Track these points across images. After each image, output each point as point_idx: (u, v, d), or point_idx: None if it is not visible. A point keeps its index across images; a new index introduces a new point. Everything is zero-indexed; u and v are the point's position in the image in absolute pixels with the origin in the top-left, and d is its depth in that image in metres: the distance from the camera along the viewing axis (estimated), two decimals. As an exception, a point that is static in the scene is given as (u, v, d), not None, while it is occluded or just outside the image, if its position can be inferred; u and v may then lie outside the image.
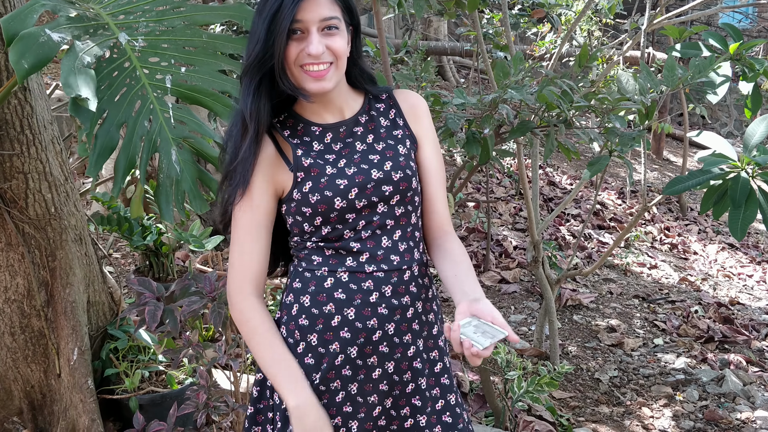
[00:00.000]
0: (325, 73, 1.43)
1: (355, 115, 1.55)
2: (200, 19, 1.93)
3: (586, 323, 4.37)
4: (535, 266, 3.49)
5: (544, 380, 2.87)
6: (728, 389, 3.58)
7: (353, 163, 1.51)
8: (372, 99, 1.60)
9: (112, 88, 1.71)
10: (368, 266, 1.51)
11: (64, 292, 2.62)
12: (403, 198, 1.53)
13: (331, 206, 1.47)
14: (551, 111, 2.24)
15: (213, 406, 2.30)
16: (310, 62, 1.41)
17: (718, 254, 6.17)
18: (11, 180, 2.46)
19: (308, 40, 1.40)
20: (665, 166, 8.90)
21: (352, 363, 1.53)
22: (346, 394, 1.55)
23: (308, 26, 1.39)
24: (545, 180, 7.27)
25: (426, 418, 1.59)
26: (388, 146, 1.55)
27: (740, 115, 11.13)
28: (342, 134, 1.53)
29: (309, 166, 1.48)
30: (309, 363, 1.52)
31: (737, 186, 2.14)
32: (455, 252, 1.57)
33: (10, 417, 2.74)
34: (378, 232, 1.52)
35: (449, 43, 8.68)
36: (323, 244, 1.51)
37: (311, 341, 1.52)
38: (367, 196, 1.49)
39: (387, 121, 1.58)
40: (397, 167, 1.52)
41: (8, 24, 1.56)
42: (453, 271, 1.52)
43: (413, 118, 1.61)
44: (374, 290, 1.51)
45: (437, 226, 1.62)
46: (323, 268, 1.52)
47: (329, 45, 1.41)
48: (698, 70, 2.28)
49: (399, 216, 1.54)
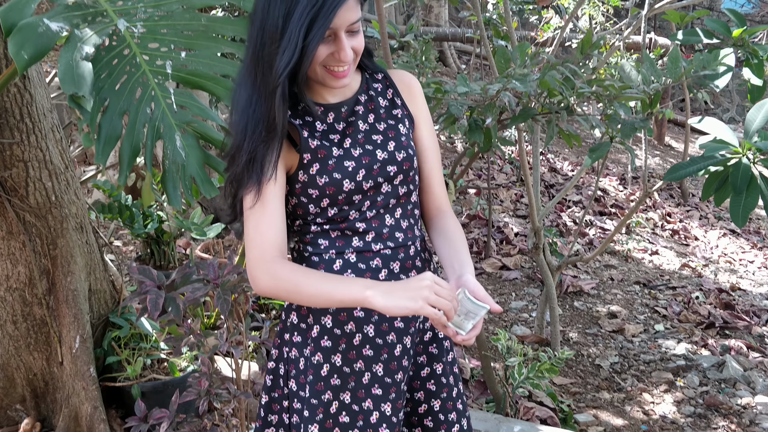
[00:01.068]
0: (348, 72, 1.43)
1: (355, 95, 1.55)
2: (198, 2, 1.91)
3: (587, 309, 4.38)
4: (536, 253, 3.48)
5: (545, 366, 2.87)
6: (729, 375, 3.59)
7: (358, 143, 1.51)
8: (369, 78, 1.60)
9: (112, 77, 1.71)
10: (375, 245, 1.52)
11: (66, 280, 2.62)
12: (406, 178, 1.54)
13: (340, 188, 1.47)
14: (553, 98, 2.23)
15: (215, 394, 2.31)
16: (337, 64, 1.41)
17: (719, 240, 6.17)
18: (11, 168, 2.45)
19: (339, 45, 1.38)
20: (667, 152, 8.88)
21: (371, 342, 1.55)
22: (372, 375, 1.56)
23: (338, 31, 1.38)
24: (546, 166, 7.26)
25: (441, 403, 1.63)
26: (390, 126, 1.56)
27: (742, 101, 11.09)
28: (344, 114, 1.53)
29: (316, 148, 1.47)
30: (326, 345, 1.54)
31: (738, 172, 2.13)
32: (450, 229, 1.59)
33: (13, 405, 2.75)
34: (381, 212, 1.53)
35: (450, 28, 8.64)
36: (328, 227, 1.52)
37: (326, 324, 1.53)
38: (374, 177, 1.50)
39: (385, 101, 1.59)
40: (401, 147, 1.53)
41: (6, 14, 1.55)
42: (446, 248, 1.55)
43: (409, 98, 1.62)
44: (383, 267, 1.52)
45: (435, 206, 1.64)
46: (330, 251, 1.52)
47: (353, 46, 1.41)
48: (701, 65, 2.27)
49: (401, 195, 1.55)
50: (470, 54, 9.90)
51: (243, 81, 1.42)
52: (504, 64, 2.18)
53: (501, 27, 3.95)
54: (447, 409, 1.64)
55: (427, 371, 1.63)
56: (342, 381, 1.55)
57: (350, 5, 1.36)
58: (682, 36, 2.60)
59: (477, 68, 8.68)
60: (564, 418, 3.11)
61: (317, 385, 1.54)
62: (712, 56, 2.29)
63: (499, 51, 2.18)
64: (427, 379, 1.63)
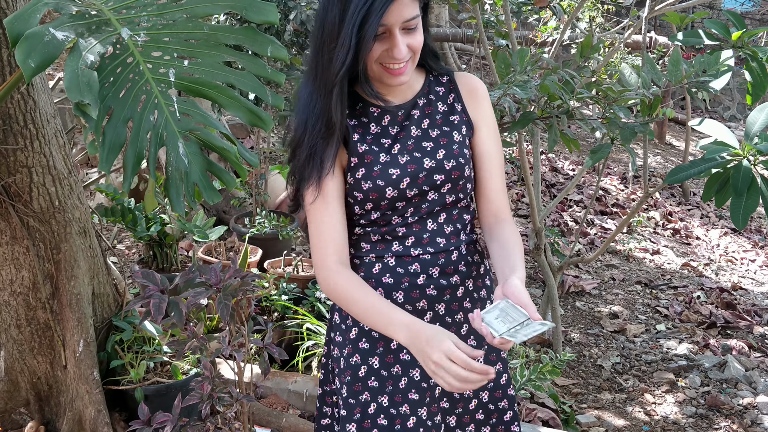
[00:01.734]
0: (405, 69, 1.43)
1: (414, 98, 1.55)
2: (201, 11, 1.92)
3: (589, 310, 4.39)
4: (538, 253, 3.49)
5: (547, 368, 2.88)
6: (730, 375, 3.60)
7: (406, 150, 1.51)
8: (432, 80, 1.59)
9: (116, 85, 1.72)
10: (414, 250, 1.53)
11: (69, 284, 2.64)
12: (455, 186, 1.54)
13: (383, 195, 1.49)
14: (553, 102, 2.24)
15: (217, 397, 2.32)
16: (392, 62, 1.41)
17: (720, 239, 6.18)
18: (15, 174, 2.47)
19: (393, 42, 1.38)
20: (668, 151, 8.88)
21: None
22: (409, 380, 1.57)
23: (392, 28, 1.37)
24: (547, 166, 7.27)
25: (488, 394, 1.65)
26: (443, 133, 1.55)
27: (743, 99, 11.09)
28: (400, 118, 1.54)
29: (363, 153, 1.49)
30: (364, 348, 1.56)
31: (739, 174, 2.14)
32: (505, 236, 1.56)
33: (17, 408, 2.76)
34: (425, 217, 1.54)
35: (450, 29, 8.64)
36: (370, 229, 1.54)
37: (364, 326, 1.56)
38: (419, 185, 1.50)
39: (444, 106, 1.57)
40: (450, 156, 1.52)
41: (12, 24, 1.56)
42: (498, 254, 1.53)
43: (472, 103, 1.60)
44: (421, 272, 1.53)
45: (492, 213, 1.62)
46: (371, 255, 1.55)
47: (410, 44, 1.41)
48: (702, 67, 2.27)
49: (449, 203, 1.55)
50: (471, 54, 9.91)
51: (306, 79, 1.46)
52: (504, 69, 2.19)
53: (501, 28, 3.96)
54: (495, 397, 1.67)
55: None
56: (380, 384, 1.56)
57: (405, 2, 1.36)
58: (683, 37, 2.61)
59: (478, 68, 8.68)
60: (566, 419, 3.12)
61: (355, 386, 1.56)
62: (712, 59, 2.30)
63: (499, 57, 2.19)
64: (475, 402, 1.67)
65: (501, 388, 1.67)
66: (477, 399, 1.64)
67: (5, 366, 2.73)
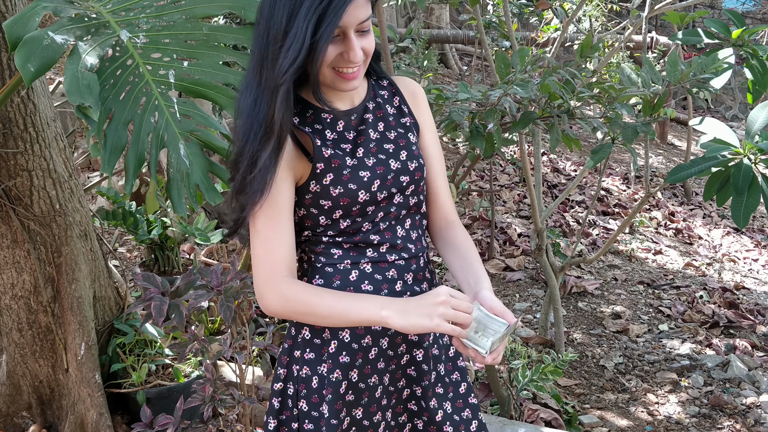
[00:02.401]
0: (358, 73, 1.37)
1: (363, 102, 1.50)
2: (200, 11, 1.93)
3: (591, 310, 4.38)
4: (540, 254, 3.49)
5: (549, 368, 2.88)
6: (733, 374, 3.59)
7: (371, 153, 1.46)
8: (375, 84, 1.55)
9: (116, 87, 1.72)
10: (389, 256, 1.49)
11: (70, 287, 2.63)
12: (417, 188, 1.51)
13: (355, 199, 1.43)
14: (554, 101, 2.23)
15: (219, 399, 2.32)
16: (346, 65, 1.35)
17: (723, 239, 6.17)
18: (16, 177, 2.47)
19: (348, 45, 1.32)
20: (670, 151, 8.87)
21: (384, 354, 1.52)
22: (383, 388, 1.55)
23: (347, 30, 1.31)
24: (549, 166, 7.27)
25: (451, 404, 1.60)
26: (400, 135, 1.52)
27: (744, 98, 11.08)
28: (353, 122, 1.48)
29: (330, 157, 1.41)
30: (344, 362, 1.49)
31: (739, 173, 2.13)
32: (460, 242, 1.55)
33: (19, 412, 2.76)
34: (393, 223, 1.50)
35: (451, 30, 8.65)
36: (340, 239, 1.47)
37: (344, 338, 1.48)
38: (387, 188, 1.46)
39: (393, 109, 1.54)
40: (412, 156, 1.50)
41: (11, 28, 1.56)
42: (459, 262, 1.51)
43: (415, 106, 1.58)
44: (398, 279, 1.49)
45: (441, 216, 1.60)
46: (345, 261, 1.47)
47: (363, 46, 1.35)
48: (701, 69, 2.27)
49: (412, 205, 1.52)
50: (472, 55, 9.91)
51: (248, 85, 1.35)
52: (504, 69, 2.18)
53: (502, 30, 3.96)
54: (457, 408, 1.61)
55: (434, 375, 1.59)
56: (356, 397, 1.52)
57: (360, 3, 1.29)
58: (683, 36, 2.60)
59: (479, 69, 8.69)
60: (569, 419, 3.12)
61: (337, 404, 1.49)
62: (710, 60, 2.30)
63: (498, 57, 2.19)
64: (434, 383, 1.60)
65: (461, 397, 1.63)
66: (442, 410, 1.59)
67: (7, 370, 2.73)
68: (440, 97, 2.24)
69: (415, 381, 1.58)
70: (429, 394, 1.58)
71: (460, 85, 2.18)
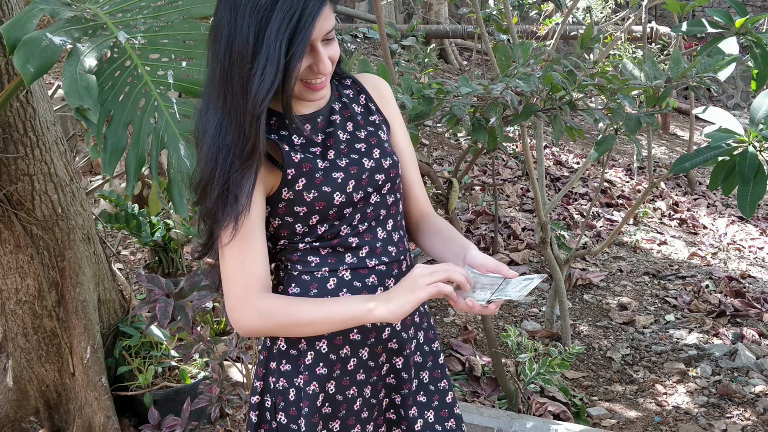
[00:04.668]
0: (325, 83, 1.34)
1: (328, 103, 1.46)
2: (197, 12, 1.92)
3: (597, 302, 4.37)
4: (544, 247, 3.48)
5: (556, 361, 2.87)
6: (741, 363, 3.57)
7: (342, 154, 1.42)
8: (338, 84, 1.51)
9: (115, 89, 1.71)
10: (369, 260, 1.43)
11: (75, 291, 2.63)
12: (393, 185, 1.47)
13: (330, 202, 1.38)
14: (556, 93, 2.22)
15: (226, 399, 2.31)
16: (315, 77, 1.32)
17: (727, 228, 6.15)
18: (17, 182, 2.46)
19: (317, 57, 1.28)
20: (672, 141, 8.85)
21: (364, 366, 1.48)
22: (363, 401, 1.51)
23: (315, 42, 1.28)
24: (552, 160, 7.25)
25: (434, 413, 1.55)
26: (370, 133, 1.48)
27: (746, 87, 11.05)
28: (320, 124, 1.43)
29: (300, 162, 1.36)
30: (321, 373, 1.44)
31: (745, 161, 2.12)
32: (438, 226, 1.53)
33: (27, 417, 2.76)
34: (373, 224, 1.45)
35: (450, 25, 8.63)
36: (318, 244, 1.42)
37: (321, 349, 1.44)
38: (363, 187, 1.42)
39: (360, 108, 1.50)
40: (385, 154, 1.46)
41: (9, 31, 1.56)
42: (441, 242, 1.49)
43: (382, 102, 1.54)
44: (378, 285, 1.44)
45: (418, 210, 1.59)
46: (323, 269, 1.42)
47: (330, 56, 1.32)
48: (703, 68, 2.25)
49: (390, 205, 1.48)
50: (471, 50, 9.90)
51: (210, 105, 1.29)
52: (505, 61, 2.17)
53: (502, 22, 3.94)
54: (441, 417, 1.56)
55: (416, 383, 1.55)
56: (333, 409, 1.48)
57: (326, 14, 1.25)
58: (687, 27, 2.58)
59: (479, 64, 8.67)
60: (577, 412, 3.11)
61: (314, 418, 1.44)
62: (713, 60, 2.28)
63: (499, 49, 2.17)
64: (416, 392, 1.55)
65: (447, 406, 1.58)
66: (423, 419, 1.55)
67: (13, 375, 2.73)
68: (441, 92, 2.23)
69: (393, 389, 1.54)
70: (409, 402, 1.53)
71: (461, 79, 2.16)
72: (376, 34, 3.58)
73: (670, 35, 6.92)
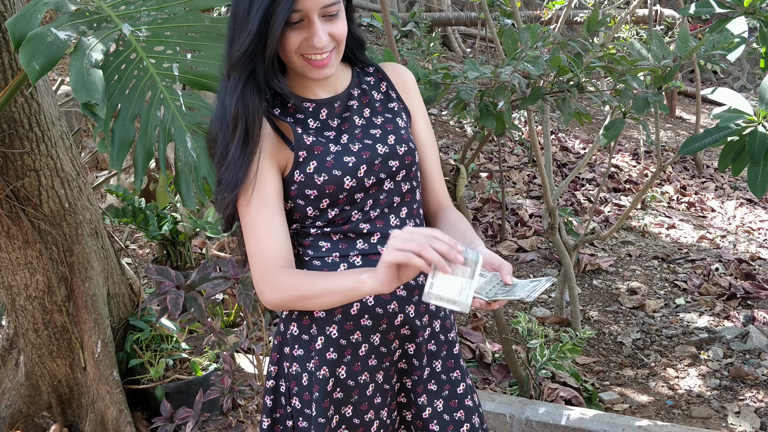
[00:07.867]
0: (328, 61, 1.34)
1: (347, 89, 1.47)
2: (200, 3, 1.91)
3: (606, 287, 4.36)
4: (552, 233, 3.47)
5: (567, 347, 2.86)
6: (753, 345, 3.56)
7: (356, 138, 1.43)
8: (360, 71, 1.52)
9: (121, 82, 1.71)
10: (380, 246, 1.43)
11: (84, 286, 2.63)
12: (409, 173, 1.47)
13: (341, 186, 1.38)
14: (563, 76, 2.20)
15: (238, 391, 2.31)
16: (313, 51, 1.32)
17: (736, 210, 6.11)
18: (24, 178, 2.46)
19: (312, 30, 1.30)
20: (678, 125, 8.80)
21: (376, 351, 1.48)
22: (376, 386, 1.50)
23: (309, 15, 1.28)
24: (558, 146, 7.22)
25: (443, 402, 1.54)
26: (387, 120, 1.48)
27: (753, 68, 10.97)
28: (337, 109, 1.45)
29: (312, 144, 1.38)
30: (332, 358, 1.44)
31: (755, 141, 2.10)
32: (453, 220, 1.51)
33: (39, 412, 2.77)
34: (386, 211, 1.45)
35: (453, 12, 8.59)
36: (329, 229, 1.43)
37: (331, 334, 1.44)
38: (375, 172, 1.42)
39: (380, 95, 1.51)
40: (401, 140, 1.45)
41: (14, 26, 1.55)
42: (450, 234, 1.44)
43: (404, 92, 1.54)
44: None
45: (436, 202, 1.58)
46: (334, 254, 1.43)
47: (331, 32, 1.32)
48: (711, 45, 2.23)
49: (405, 192, 1.47)
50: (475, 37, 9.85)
51: (225, 75, 1.36)
52: (511, 45, 2.15)
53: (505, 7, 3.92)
54: (450, 407, 1.55)
55: (428, 371, 1.54)
56: (345, 394, 1.48)
57: None
58: (695, 8, 2.55)
59: (483, 51, 8.63)
60: (588, 397, 3.10)
61: (324, 402, 1.45)
62: (722, 38, 2.25)
63: (506, 32, 2.15)
64: (427, 380, 1.54)
65: (458, 397, 1.57)
66: (431, 407, 1.54)
67: (25, 371, 2.74)
68: (447, 76, 2.21)
69: (405, 374, 1.54)
70: (419, 389, 1.53)
71: (468, 63, 2.15)
72: (378, 23, 3.56)
73: (674, 17, 6.87)
